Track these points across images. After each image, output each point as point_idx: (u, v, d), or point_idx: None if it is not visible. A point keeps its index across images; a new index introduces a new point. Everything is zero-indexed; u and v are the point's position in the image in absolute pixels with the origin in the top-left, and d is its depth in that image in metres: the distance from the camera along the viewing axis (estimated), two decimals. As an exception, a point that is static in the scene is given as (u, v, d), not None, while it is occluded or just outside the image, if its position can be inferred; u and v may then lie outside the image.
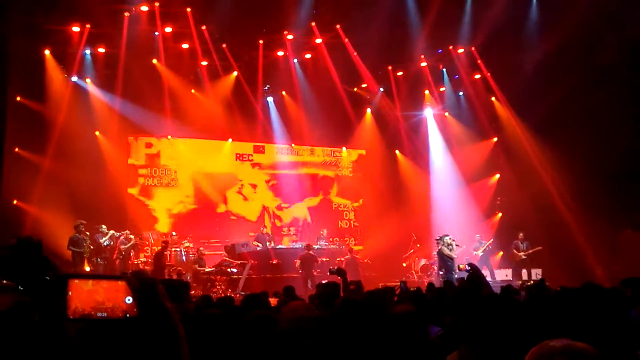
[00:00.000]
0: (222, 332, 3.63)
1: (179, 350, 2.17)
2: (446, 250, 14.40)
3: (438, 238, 14.98)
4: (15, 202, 14.74)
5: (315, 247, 17.52)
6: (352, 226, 20.43)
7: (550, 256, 16.39)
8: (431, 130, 20.03)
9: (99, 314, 2.10)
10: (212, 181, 18.62)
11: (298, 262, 15.76)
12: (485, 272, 16.49)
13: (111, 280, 2.18)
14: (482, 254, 17.20)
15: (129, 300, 2.14)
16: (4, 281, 2.27)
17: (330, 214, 20.25)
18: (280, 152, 19.70)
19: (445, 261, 14.59)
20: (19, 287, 2.22)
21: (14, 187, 14.18)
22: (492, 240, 17.61)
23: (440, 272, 14.81)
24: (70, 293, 2.08)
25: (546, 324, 2.81)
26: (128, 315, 2.13)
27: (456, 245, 14.89)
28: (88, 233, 14.40)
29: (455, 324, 3.50)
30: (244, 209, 19.10)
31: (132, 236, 15.37)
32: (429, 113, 20.08)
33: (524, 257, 16.96)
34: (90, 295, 2.11)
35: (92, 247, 14.48)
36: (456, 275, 13.81)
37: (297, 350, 2.97)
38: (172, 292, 2.58)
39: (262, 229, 17.71)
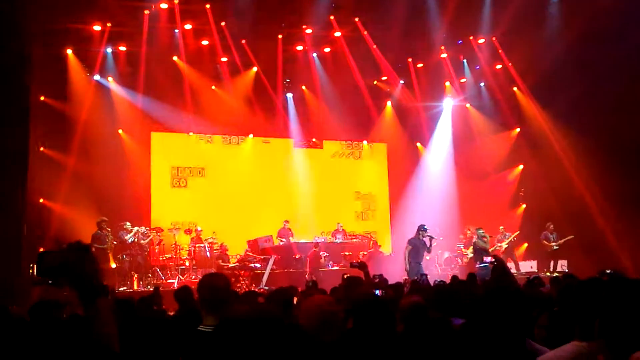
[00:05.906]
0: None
1: None
2: (480, 243, 14.29)
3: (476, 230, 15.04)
4: (41, 200, 14.93)
5: (336, 241, 17.59)
6: (375, 220, 20.34)
7: (575, 247, 16.20)
8: (449, 122, 19.84)
9: None
10: (233, 176, 18.68)
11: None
12: (510, 265, 16.39)
13: None
14: (506, 246, 17.03)
15: None
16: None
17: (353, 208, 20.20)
18: (301, 146, 19.70)
19: (481, 254, 14.46)
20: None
21: (39, 186, 14.35)
22: (518, 232, 17.41)
23: (477, 265, 14.68)
24: None
25: (571, 316, 2.77)
26: None
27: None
28: (109, 229, 14.54)
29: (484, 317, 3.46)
30: (266, 204, 19.11)
31: (150, 233, 15.57)
32: (447, 105, 19.90)
33: (555, 247, 16.68)
34: None
35: (115, 243, 14.63)
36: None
37: (318, 343, 2.97)
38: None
39: (284, 223, 17.67)
